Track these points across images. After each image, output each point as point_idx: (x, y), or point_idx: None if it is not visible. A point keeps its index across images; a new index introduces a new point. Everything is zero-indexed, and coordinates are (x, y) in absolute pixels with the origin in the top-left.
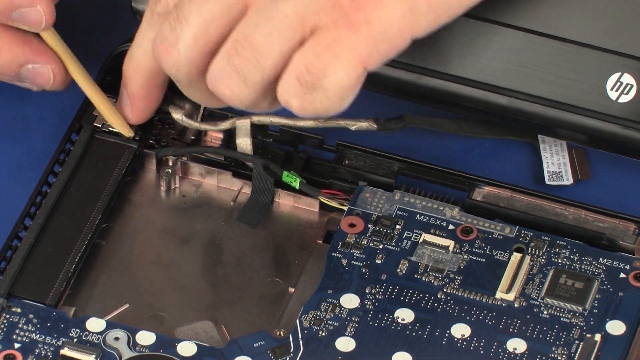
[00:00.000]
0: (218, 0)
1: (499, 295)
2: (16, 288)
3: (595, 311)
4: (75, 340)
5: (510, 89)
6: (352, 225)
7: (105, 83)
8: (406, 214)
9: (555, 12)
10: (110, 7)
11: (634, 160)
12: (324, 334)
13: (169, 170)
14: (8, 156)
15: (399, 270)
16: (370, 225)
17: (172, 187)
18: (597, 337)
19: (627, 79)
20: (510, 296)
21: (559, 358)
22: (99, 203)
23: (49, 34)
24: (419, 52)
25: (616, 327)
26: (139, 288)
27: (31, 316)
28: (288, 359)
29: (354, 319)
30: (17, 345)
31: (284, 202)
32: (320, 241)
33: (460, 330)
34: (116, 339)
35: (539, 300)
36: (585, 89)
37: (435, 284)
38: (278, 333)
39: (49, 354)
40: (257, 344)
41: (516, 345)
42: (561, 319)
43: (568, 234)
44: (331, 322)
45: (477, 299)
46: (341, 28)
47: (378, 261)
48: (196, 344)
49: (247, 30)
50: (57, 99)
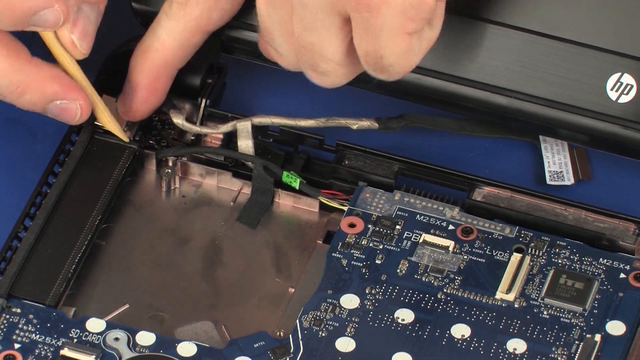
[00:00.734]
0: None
1: (499, 295)
2: (16, 288)
3: (595, 311)
4: (75, 340)
5: (510, 89)
6: (352, 226)
7: (105, 83)
8: (406, 214)
9: (555, 12)
10: (111, 7)
11: (634, 161)
12: (324, 334)
13: (169, 171)
14: (8, 157)
15: (399, 271)
16: (370, 226)
17: (172, 188)
18: (597, 337)
19: (627, 79)
20: (510, 296)
21: (559, 358)
22: (99, 203)
23: (49, 35)
24: None
25: (616, 328)
26: (139, 288)
27: (31, 316)
28: (288, 359)
29: (354, 319)
30: (17, 346)
31: (284, 202)
32: (320, 241)
33: (460, 331)
34: (116, 339)
35: (539, 300)
36: (585, 89)
37: (435, 284)
38: (278, 333)
39: (49, 354)
40: (257, 345)
41: (516, 345)
42: (561, 319)
43: (568, 234)
44: (331, 323)
45: (477, 299)
46: (364, 12)
47: (378, 261)
48: (196, 344)
49: (298, 29)
50: None
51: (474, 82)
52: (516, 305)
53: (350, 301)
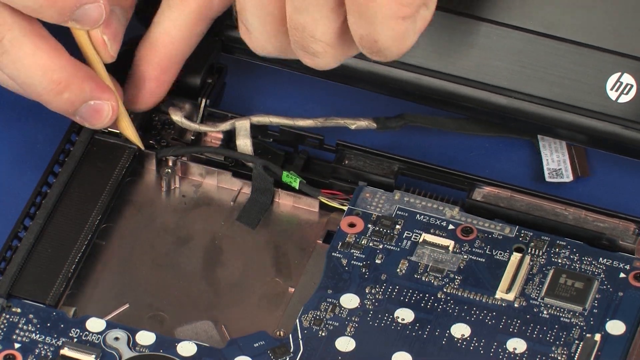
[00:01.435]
0: None
1: (498, 295)
2: (16, 288)
3: (595, 311)
4: (75, 340)
5: (510, 89)
6: (352, 225)
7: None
8: (406, 214)
9: (555, 12)
10: None
11: (633, 160)
12: (324, 334)
13: (169, 171)
14: (8, 156)
15: (399, 270)
16: (370, 225)
17: (172, 187)
18: (597, 337)
19: (627, 79)
20: (510, 296)
21: (558, 358)
22: (99, 203)
23: (82, 32)
24: (420, 52)
25: (616, 327)
26: (139, 288)
27: (31, 316)
28: (288, 359)
29: (354, 319)
30: (17, 345)
31: (284, 202)
32: (320, 241)
33: (460, 330)
34: (116, 339)
35: (538, 300)
36: (585, 89)
37: (435, 284)
38: (278, 333)
39: (49, 354)
40: (257, 344)
41: (516, 345)
42: (561, 318)
43: (568, 234)
44: (331, 322)
45: (477, 298)
46: None
47: (378, 261)
48: (196, 344)
49: (290, 10)
50: None
51: (473, 82)
52: (516, 305)
53: (350, 301)
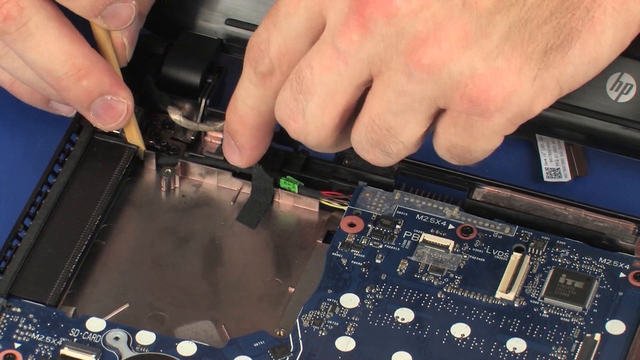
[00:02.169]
0: (341, 70)
1: (498, 295)
2: (16, 288)
3: (595, 311)
4: (75, 340)
5: None
6: (352, 225)
7: None
8: (406, 214)
9: None
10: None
11: (633, 159)
12: (323, 333)
13: (169, 171)
14: (8, 156)
15: (398, 270)
16: (370, 225)
17: (172, 187)
18: (597, 336)
19: (627, 79)
20: (510, 296)
21: (558, 358)
22: (99, 203)
23: (103, 32)
24: None
25: (616, 327)
26: (139, 288)
27: (31, 316)
28: (288, 358)
29: (353, 318)
30: (17, 345)
31: (284, 202)
32: (320, 241)
33: (460, 330)
34: (116, 338)
35: (538, 300)
36: (585, 89)
37: (435, 283)
38: (278, 333)
39: (49, 353)
40: (257, 344)
41: (516, 344)
42: (561, 318)
43: (568, 234)
44: (331, 322)
45: (477, 298)
46: (474, 115)
47: (378, 261)
48: (196, 343)
49: (380, 109)
50: None
51: None
52: (516, 305)
53: (350, 300)
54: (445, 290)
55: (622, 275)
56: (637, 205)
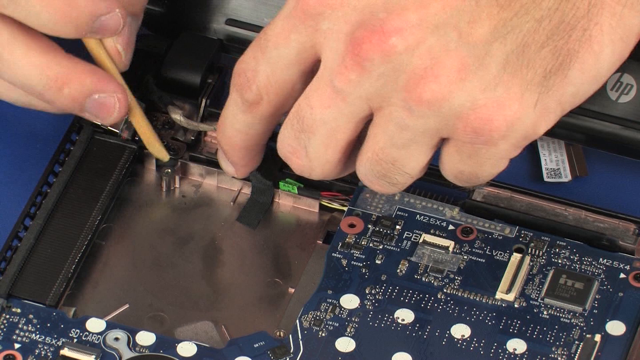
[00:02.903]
0: (341, 108)
1: (498, 295)
2: (16, 288)
3: (595, 311)
4: (75, 340)
5: None
6: (352, 226)
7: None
8: (406, 214)
9: None
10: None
11: (633, 160)
12: (323, 334)
13: (169, 171)
14: (8, 156)
15: (398, 271)
16: (370, 226)
17: (172, 187)
18: (597, 337)
19: (627, 79)
20: (510, 296)
21: (558, 358)
22: (99, 203)
23: (95, 42)
24: None
25: (616, 328)
26: (139, 288)
27: (31, 316)
28: (288, 359)
29: (354, 319)
30: (17, 346)
31: (284, 202)
32: (320, 241)
33: (460, 331)
34: (116, 339)
35: (538, 300)
36: None
37: (435, 284)
38: (278, 333)
39: (49, 354)
40: (257, 344)
41: (516, 345)
42: (561, 319)
43: (568, 234)
44: (331, 323)
45: (477, 299)
46: (478, 144)
47: (378, 261)
48: (196, 344)
49: (383, 143)
50: None
51: None
52: (516, 305)
53: (350, 301)
54: (445, 290)
55: (622, 275)
56: (637, 205)
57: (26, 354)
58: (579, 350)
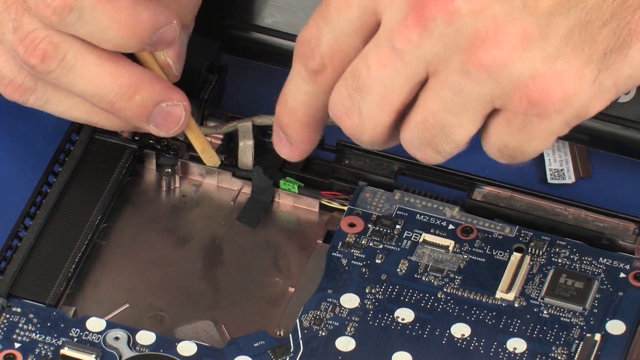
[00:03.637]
0: (398, 68)
1: (498, 295)
2: (16, 288)
3: (595, 311)
4: (76, 340)
5: None
6: (352, 225)
7: None
8: (406, 214)
9: None
10: None
11: (633, 160)
12: (323, 333)
13: (169, 170)
14: (8, 156)
15: (399, 270)
16: (370, 225)
17: (172, 187)
18: (597, 336)
19: None
20: (510, 296)
21: (559, 358)
22: (99, 203)
23: (148, 55)
24: None
25: (616, 327)
26: (139, 288)
27: (31, 316)
28: (288, 358)
29: (354, 318)
30: (17, 345)
31: (284, 202)
32: (320, 241)
33: (460, 330)
34: (116, 338)
35: (538, 300)
36: None
37: (435, 283)
38: (278, 333)
39: (49, 353)
40: (257, 344)
41: (516, 345)
42: (561, 318)
43: (568, 234)
44: (331, 322)
45: (477, 298)
46: (531, 116)
47: (378, 261)
48: (196, 343)
49: (435, 107)
50: None
51: None
52: (516, 305)
53: (350, 300)
54: (445, 290)
55: (622, 275)
56: (638, 205)
57: (26, 353)
58: (579, 350)
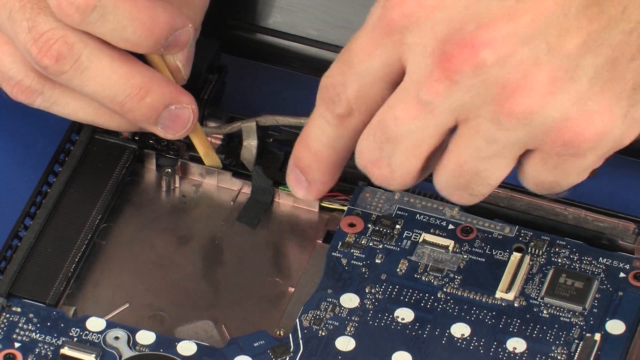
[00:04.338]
0: (427, 120)
1: (498, 294)
2: (16, 288)
3: (595, 311)
4: (76, 339)
5: None
6: (352, 225)
7: None
8: (406, 214)
9: None
10: None
11: (634, 160)
12: (323, 333)
13: (169, 170)
14: (8, 156)
15: (398, 270)
16: (370, 225)
17: (172, 187)
18: (597, 336)
19: None
20: (510, 296)
21: (558, 357)
22: (99, 203)
23: (158, 57)
24: None
25: (616, 327)
26: (139, 288)
27: (31, 316)
28: (288, 358)
29: (353, 318)
30: (17, 345)
31: (284, 202)
32: (320, 241)
33: (460, 330)
34: (116, 338)
35: (538, 299)
36: None
37: (435, 283)
38: (278, 333)
39: (49, 353)
40: (257, 344)
41: (516, 344)
42: (561, 318)
43: (568, 234)
44: (331, 322)
45: (477, 298)
46: (566, 156)
47: (378, 261)
48: (196, 343)
49: (468, 156)
50: None
51: None
52: (516, 305)
53: (350, 300)
54: (445, 290)
55: (622, 275)
56: (637, 205)
57: (26, 353)
58: (578, 350)
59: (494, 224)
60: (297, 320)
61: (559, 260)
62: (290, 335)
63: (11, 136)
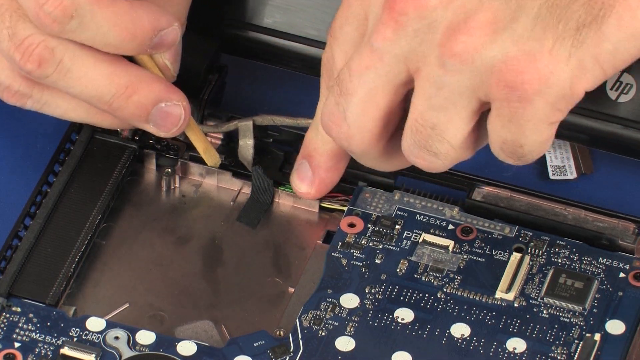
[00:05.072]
0: (378, 68)
1: (498, 295)
2: (16, 287)
3: (595, 311)
4: (75, 339)
5: None
6: (351, 226)
7: None
8: (406, 214)
9: None
10: None
11: (634, 159)
12: (323, 333)
13: (169, 170)
14: (8, 156)
15: (398, 270)
16: (370, 226)
17: (172, 187)
18: (597, 336)
19: (627, 78)
20: (510, 296)
21: (558, 357)
22: (99, 203)
23: (146, 57)
24: None
25: (616, 327)
26: (139, 288)
27: (31, 315)
28: (288, 358)
29: (353, 318)
30: (17, 345)
31: (284, 202)
32: (320, 241)
33: (460, 330)
34: (116, 338)
35: (538, 300)
36: None
37: (435, 283)
38: (278, 333)
39: (49, 353)
40: (257, 344)
41: (516, 344)
42: (561, 318)
43: (568, 234)
44: (331, 322)
45: (477, 298)
46: (514, 102)
47: (378, 261)
48: (196, 343)
49: (422, 107)
50: None
51: None
52: (516, 305)
53: (350, 300)
54: (445, 290)
55: (622, 275)
56: (637, 205)
57: (26, 353)
58: (578, 350)
59: (493, 224)
60: (297, 320)
61: (559, 261)
62: (290, 335)
63: (11, 136)
